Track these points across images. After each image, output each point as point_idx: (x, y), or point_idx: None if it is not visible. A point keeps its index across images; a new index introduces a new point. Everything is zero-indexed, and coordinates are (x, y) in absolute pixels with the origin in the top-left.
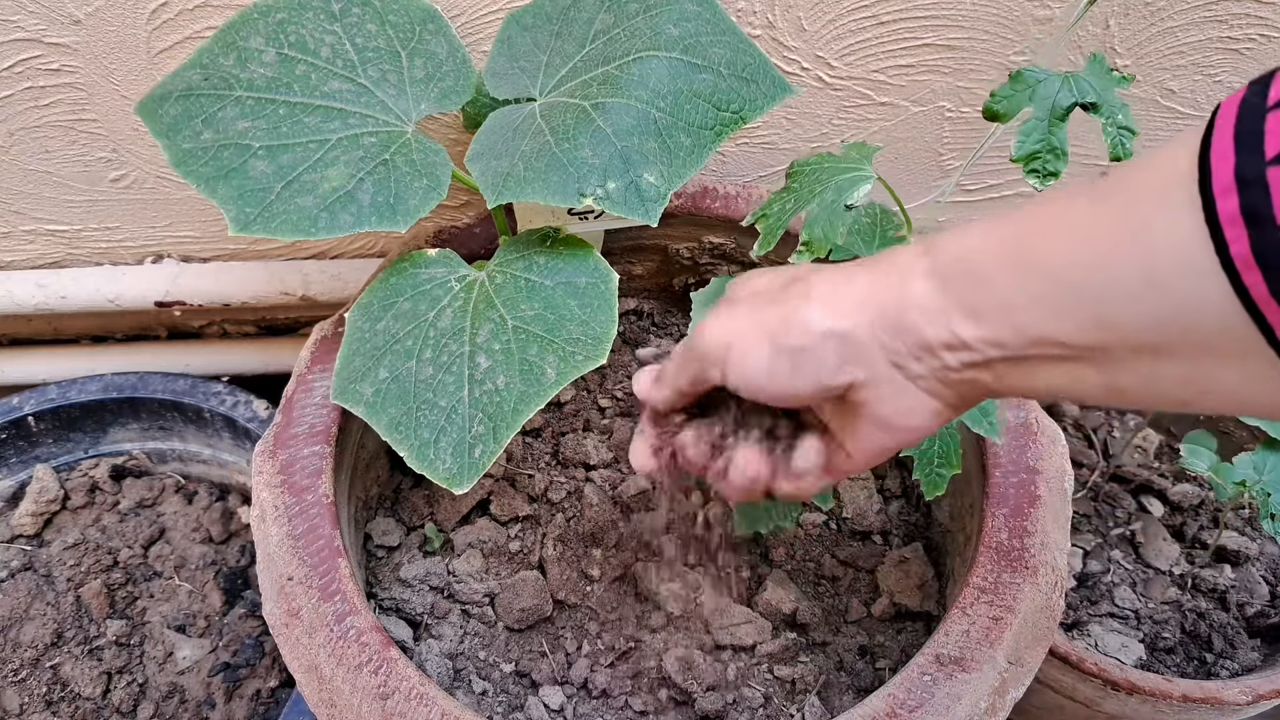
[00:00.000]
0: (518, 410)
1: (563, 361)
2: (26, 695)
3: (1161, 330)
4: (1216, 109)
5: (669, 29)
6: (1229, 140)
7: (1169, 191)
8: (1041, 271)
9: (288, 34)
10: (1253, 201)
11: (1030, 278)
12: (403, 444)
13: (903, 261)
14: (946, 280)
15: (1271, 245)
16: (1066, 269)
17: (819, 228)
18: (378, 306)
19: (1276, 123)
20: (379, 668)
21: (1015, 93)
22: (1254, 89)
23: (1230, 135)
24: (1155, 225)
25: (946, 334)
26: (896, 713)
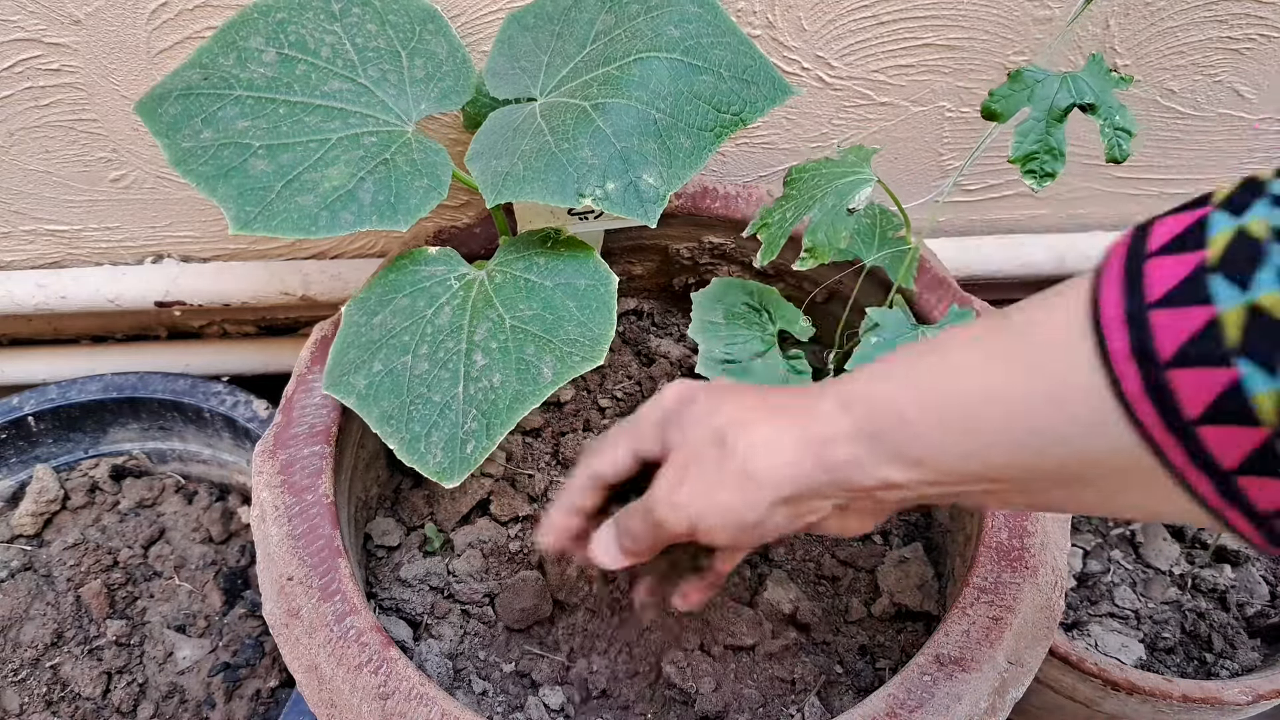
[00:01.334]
0: (512, 408)
1: (560, 362)
2: (26, 695)
3: (1080, 467)
4: (1106, 253)
5: (670, 30)
6: (1116, 284)
7: (1065, 335)
8: (963, 426)
9: (288, 34)
10: (1139, 340)
11: (953, 431)
12: (393, 436)
13: (826, 417)
14: (874, 436)
15: (1159, 380)
16: (985, 422)
17: (821, 233)
18: (375, 301)
19: (1155, 268)
20: (379, 668)
21: (1013, 92)
22: (1136, 235)
23: (1118, 280)
24: (1058, 370)
25: (881, 480)
26: (896, 713)
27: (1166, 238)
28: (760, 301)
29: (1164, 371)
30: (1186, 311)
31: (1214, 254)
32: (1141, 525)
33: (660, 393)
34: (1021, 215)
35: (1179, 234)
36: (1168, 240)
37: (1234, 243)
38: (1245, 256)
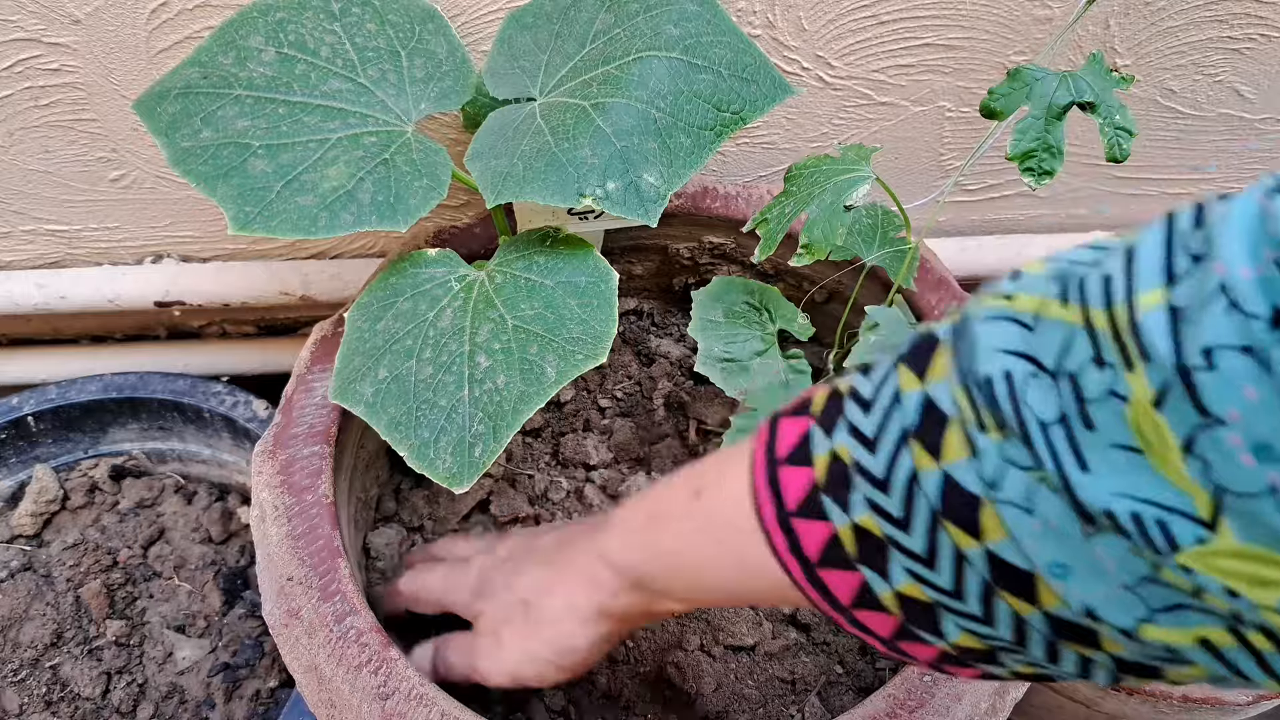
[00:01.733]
0: (518, 410)
1: (562, 360)
2: (26, 695)
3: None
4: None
5: (669, 29)
6: (764, 485)
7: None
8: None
9: (287, 33)
10: (792, 541)
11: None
12: (402, 443)
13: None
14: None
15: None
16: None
17: (819, 229)
18: (377, 306)
19: (786, 477)
20: (379, 668)
21: (1012, 90)
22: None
23: (764, 481)
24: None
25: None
26: (896, 713)
27: (788, 447)
28: (761, 301)
29: (815, 570)
30: (815, 524)
31: (820, 475)
32: None
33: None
34: (1021, 215)
35: (795, 446)
36: (789, 450)
37: (831, 466)
38: (841, 481)
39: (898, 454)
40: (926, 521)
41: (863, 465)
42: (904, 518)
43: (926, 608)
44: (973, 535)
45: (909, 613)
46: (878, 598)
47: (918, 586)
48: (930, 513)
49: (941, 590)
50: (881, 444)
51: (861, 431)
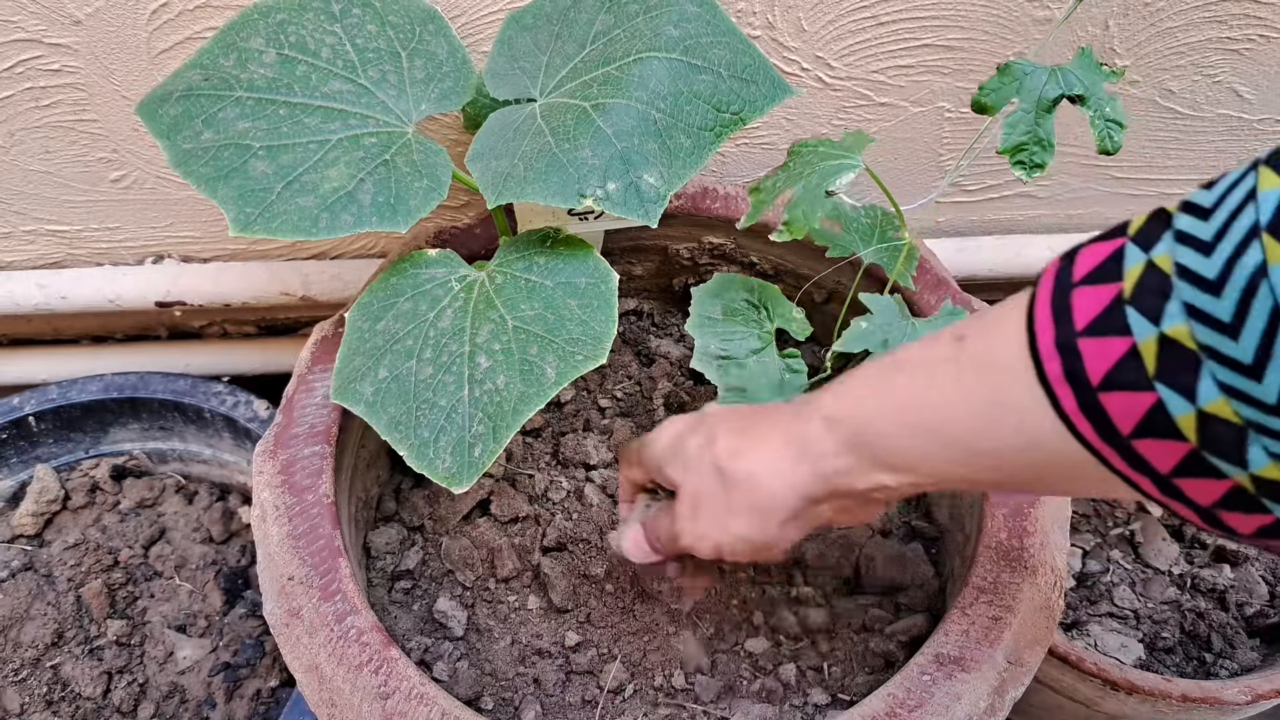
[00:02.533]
0: (518, 410)
1: (562, 361)
2: (27, 695)
3: (1040, 469)
4: (1038, 279)
5: (669, 30)
6: (1048, 312)
7: (1013, 363)
8: (939, 439)
9: (288, 35)
10: (1071, 366)
11: (931, 443)
12: (402, 443)
13: (815, 438)
14: (860, 450)
15: (1092, 402)
16: (957, 435)
17: (800, 210)
18: (378, 306)
19: (1080, 298)
20: (379, 668)
21: (1003, 85)
22: (1064, 264)
23: (1048, 307)
24: (1012, 395)
25: (873, 484)
26: (896, 713)
27: (1088, 268)
28: (760, 298)
29: (1095, 394)
30: (1109, 341)
31: (1129, 286)
32: (1141, 525)
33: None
34: (1021, 215)
35: (1099, 265)
36: (1089, 270)
37: (1144, 276)
38: (1155, 290)
39: (1241, 252)
40: (1264, 323)
41: (1190, 269)
42: (1234, 321)
43: (1233, 430)
44: None
45: (1208, 437)
46: (1172, 420)
47: (1230, 403)
48: (1270, 313)
49: (1262, 405)
50: (1221, 245)
51: (1195, 236)
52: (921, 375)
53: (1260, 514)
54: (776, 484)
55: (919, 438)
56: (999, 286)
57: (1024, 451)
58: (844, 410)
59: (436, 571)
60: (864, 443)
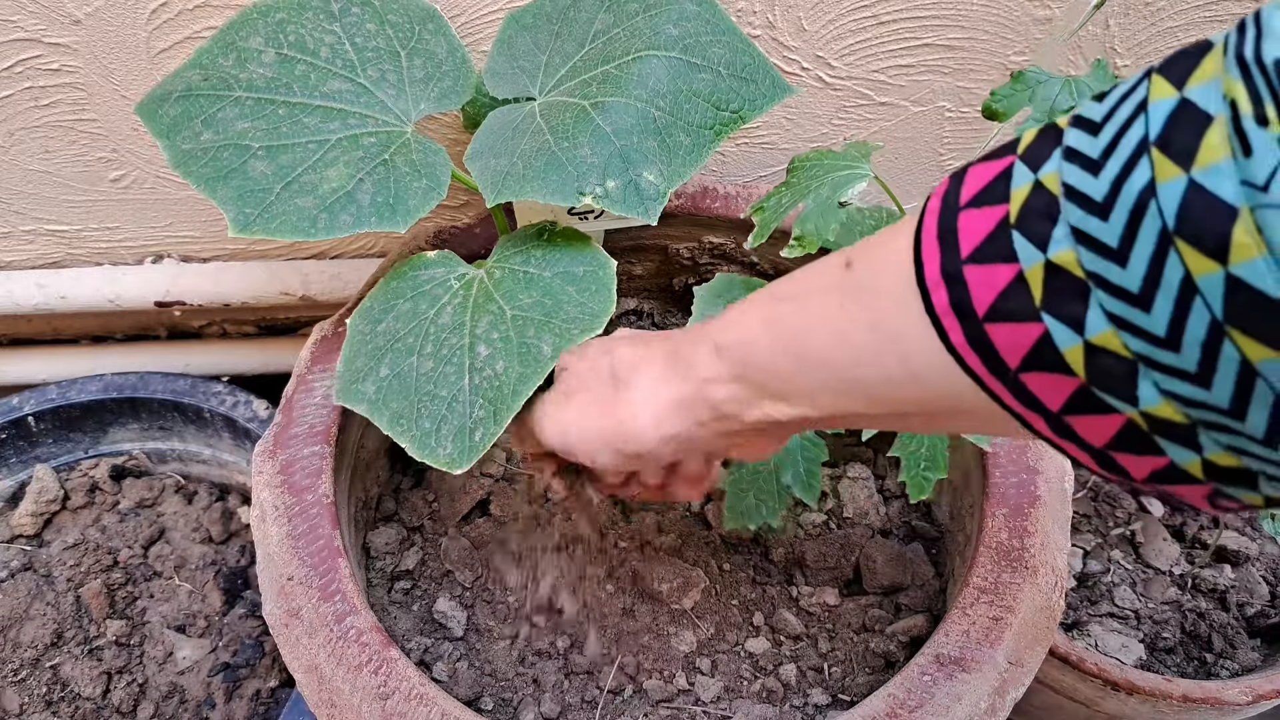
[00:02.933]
0: (517, 391)
1: (558, 337)
2: (26, 695)
3: (929, 403)
4: (926, 201)
5: (669, 28)
6: (934, 237)
7: (900, 292)
8: (825, 370)
9: (287, 34)
10: (957, 296)
11: (817, 374)
12: (404, 436)
13: (704, 364)
14: (747, 380)
15: (979, 334)
16: (842, 367)
17: (812, 223)
18: (378, 310)
19: (966, 221)
20: (379, 668)
21: (1015, 93)
22: (952, 183)
23: (934, 232)
24: (898, 324)
25: (761, 416)
26: (896, 713)
27: (975, 189)
28: None
29: (982, 325)
30: (994, 269)
31: (1015, 209)
32: (1142, 525)
33: None
34: None
35: (986, 185)
36: (976, 192)
37: (1031, 197)
38: (1042, 212)
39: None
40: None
41: (1077, 189)
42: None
43: (1122, 364)
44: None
45: (1096, 371)
46: (1059, 354)
47: (1118, 336)
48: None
49: (1151, 338)
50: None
51: (1083, 153)
52: (808, 304)
53: (1154, 455)
54: (663, 400)
55: (805, 368)
56: None
57: (911, 385)
58: (731, 337)
59: (436, 572)
60: (751, 372)
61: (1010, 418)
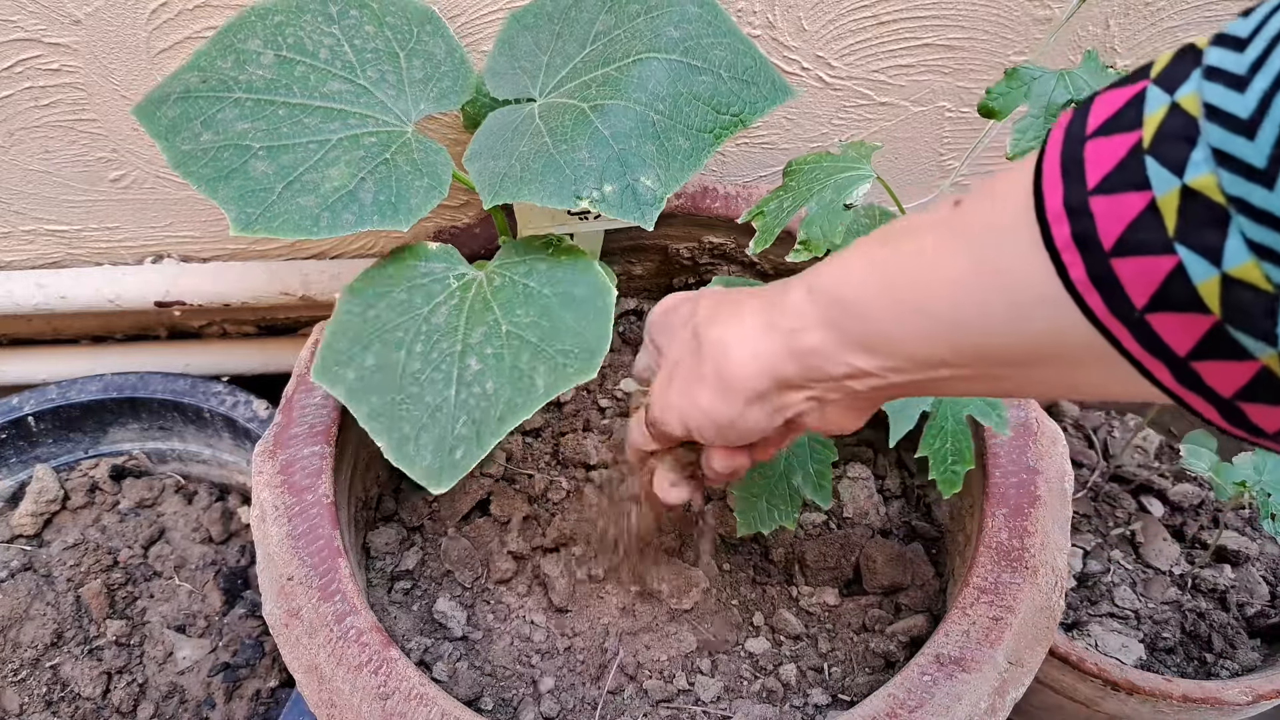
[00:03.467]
0: (504, 418)
1: (552, 373)
2: (26, 695)
3: (1031, 350)
4: (1047, 134)
5: (669, 31)
6: (1056, 169)
7: (1013, 223)
8: (919, 310)
9: (286, 36)
10: (1081, 229)
11: (910, 316)
12: (381, 434)
13: (793, 308)
14: (837, 323)
15: (1103, 269)
16: (940, 307)
17: (817, 226)
18: (371, 294)
19: (1094, 151)
20: (379, 668)
21: (1011, 89)
22: (1077, 114)
23: (1057, 164)
24: (1007, 260)
25: (849, 367)
26: (896, 713)
27: (1104, 117)
28: None
29: (1108, 260)
30: (1124, 198)
31: (1149, 134)
32: (1142, 525)
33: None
34: None
35: (1116, 112)
36: (1105, 119)
37: (1167, 121)
38: (1179, 135)
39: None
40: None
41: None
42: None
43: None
44: None
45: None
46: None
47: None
48: None
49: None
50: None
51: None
52: (910, 242)
53: None
54: (744, 352)
55: (898, 309)
56: None
57: (1018, 331)
58: (826, 279)
59: (436, 572)
60: (842, 315)
61: (1126, 367)
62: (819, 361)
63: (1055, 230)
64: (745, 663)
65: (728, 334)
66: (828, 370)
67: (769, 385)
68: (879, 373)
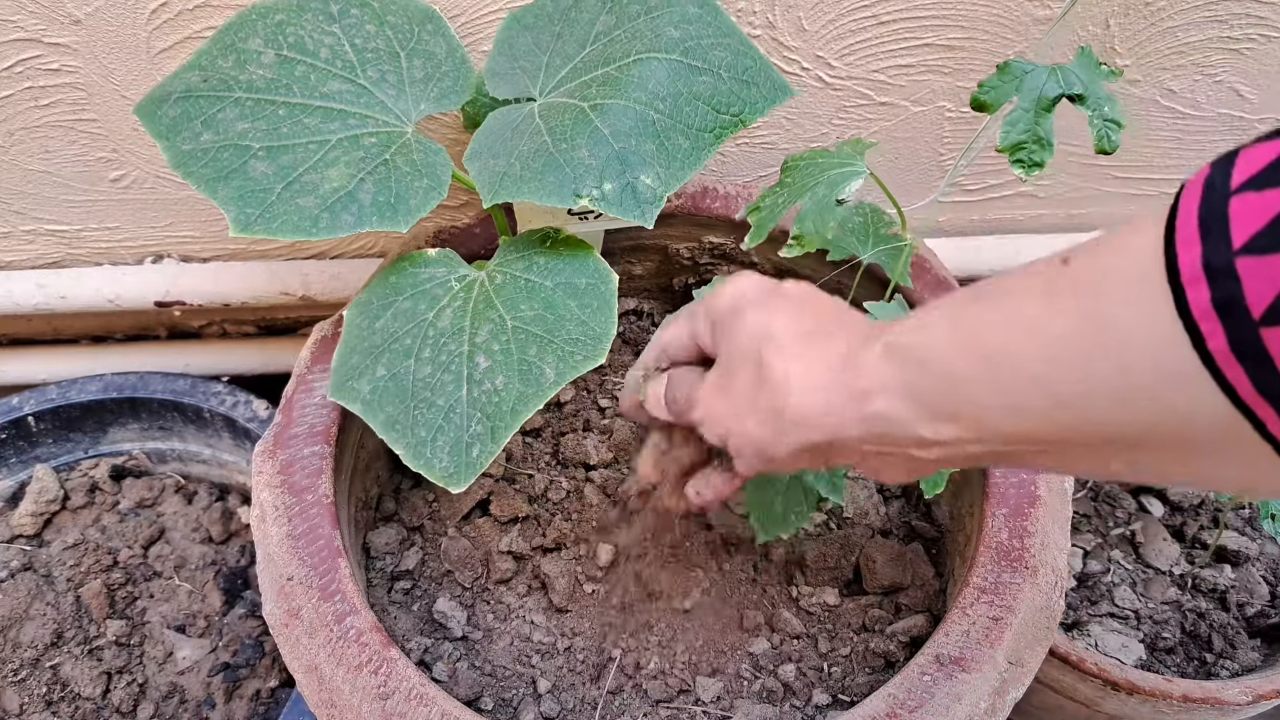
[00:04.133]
0: (516, 411)
1: (561, 361)
2: (26, 695)
3: (1149, 430)
4: (1181, 188)
5: (670, 31)
6: (1194, 226)
7: (1136, 283)
8: (1013, 377)
9: (286, 35)
10: (1225, 293)
11: (1002, 383)
12: (399, 442)
13: (869, 368)
14: (913, 389)
15: (1250, 340)
16: (1038, 372)
17: (810, 222)
18: (377, 305)
19: (1241, 207)
20: (379, 668)
21: (1002, 83)
22: (1218, 168)
23: (1195, 220)
24: (1126, 322)
25: (918, 438)
26: (896, 713)
27: (1253, 170)
28: None
29: (1256, 329)
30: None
31: None
32: (1142, 525)
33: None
34: (1021, 215)
35: (1267, 166)
36: (1256, 172)
37: None
38: None
39: None
40: None
41: None
42: None
43: None
44: None
45: None
46: None
47: None
48: None
49: None
50: None
51: None
52: (1007, 301)
53: None
54: (806, 403)
55: (987, 373)
56: None
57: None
58: (908, 336)
59: (436, 572)
60: (921, 380)
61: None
62: (887, 429)
63: (1191, 294)
64: (745, 663)
65: (794, 374)
66: (895, 437)
67: (825, 441)
68: (954, 443)
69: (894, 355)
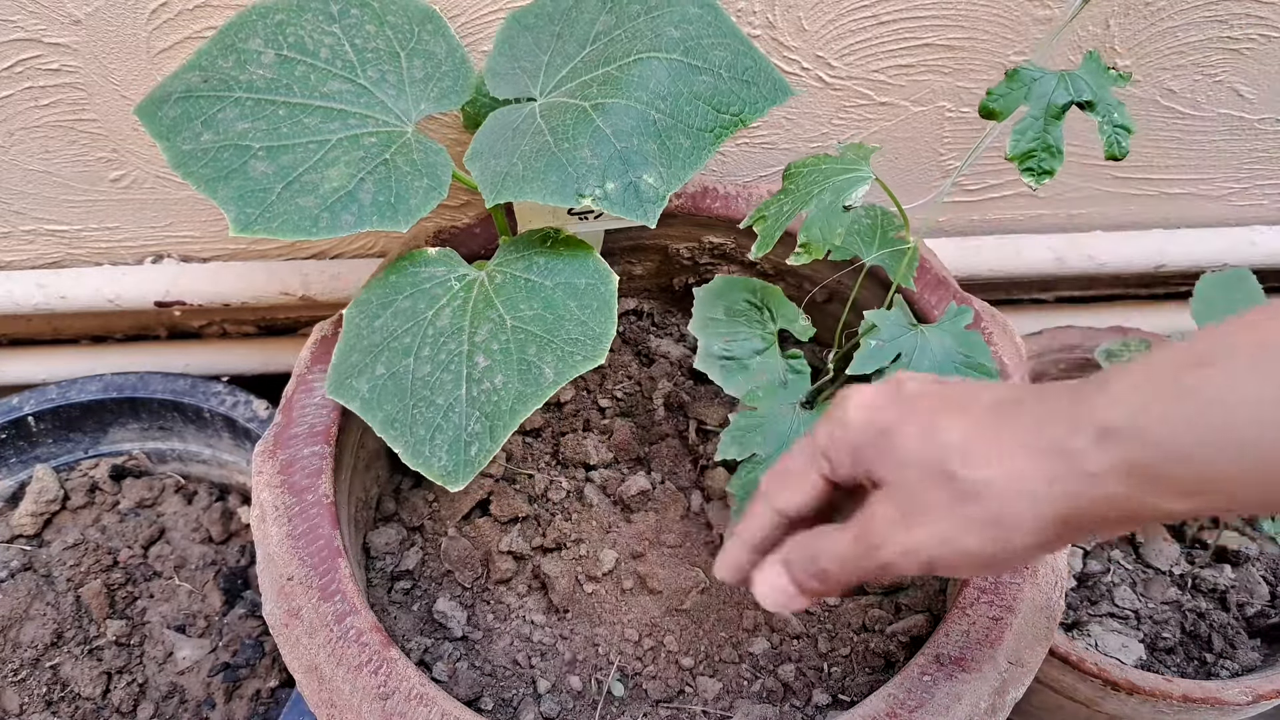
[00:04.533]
0: (515, 410)
1: (561, 361)
2: (26, 695)
3: None
4: None
5: (670, 31)
6: None
7: None
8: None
9: (286, 35)
10: None
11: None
12: (398, 440)
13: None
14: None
15: None
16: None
17: (817, 228)
18: (376, 304)
19: None
20: (379, 668)
21: (1011, 90)
22: None
23: None
24: None
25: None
26: (896, 713)
27: None
28: (762, 300)
29: None
30: None
31: None
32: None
33: (843, 410)
34: (1021, 215)
35: None
36: None
37: None
38: None
39: None
40: None
41: None
42: None
43: None
44: None
45: None
46: None
47: None
48: None
49: None
50: None
51: None
52: (1240, 364)
53: None
54: (1023, 505)
55: (1235, 452)
56: (999, 286)
57: None
58: (1125, 418)
59: (436, 572)
60: (1152, 462)
61: None
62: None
63: None
64: (745, 663)
65: (997, 476)
66: (1128, 513)
67: (1054, 532)
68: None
69: (1110, 443)
